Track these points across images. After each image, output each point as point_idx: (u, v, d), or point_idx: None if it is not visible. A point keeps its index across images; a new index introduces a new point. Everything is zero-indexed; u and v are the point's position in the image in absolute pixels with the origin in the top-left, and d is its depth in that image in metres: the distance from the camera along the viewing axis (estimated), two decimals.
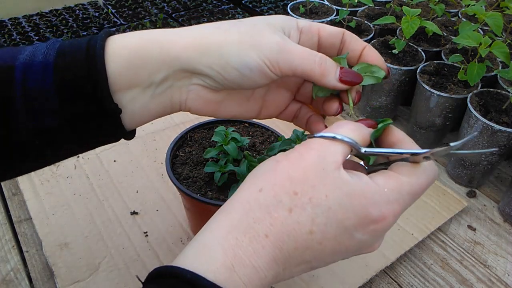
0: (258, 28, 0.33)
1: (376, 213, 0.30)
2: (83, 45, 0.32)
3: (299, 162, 0.31)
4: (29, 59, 0.32)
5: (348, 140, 0.31)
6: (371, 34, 0.85)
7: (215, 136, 0.52)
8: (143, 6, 1.99)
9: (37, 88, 0.31)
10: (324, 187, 0.29)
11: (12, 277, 0.56)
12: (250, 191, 0.31)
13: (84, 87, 0.32)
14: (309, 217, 0.29)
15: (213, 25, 0.35)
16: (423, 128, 0.77)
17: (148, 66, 0.33)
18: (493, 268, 0.61)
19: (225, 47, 0.33)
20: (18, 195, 0.67)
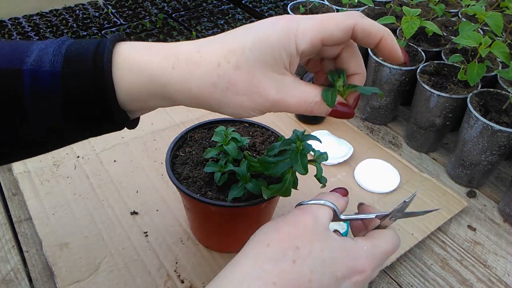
0: (255, 82, 0.31)
1: (360, 266, 0.37)
2: (90, 54, 0.32)
3: (297, 223, 0.38)
4: (36, 65, 0.32)
5: (332, 205, 0.40)
6: None
7: (215, 136, 0.52)
8: (143, 6, 1.99)
9: (46, 94, 0.32)
10: (319, 243, 0.36)
11: (12, 277, 0.56)
12: (258, 246, 0.37)
13: (92, 98, 0.32)
14: (308, 268, 0.35)
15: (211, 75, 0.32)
16: (423, 128, 0.77)
17: (153, 100, 0.35)
18: (493, 268, 0.61)
19: (224, 108, 0.33)
20: (18, 195, 0.67)
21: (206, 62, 0.31)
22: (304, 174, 0.44)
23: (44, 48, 0.33)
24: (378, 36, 0.33)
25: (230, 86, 0.31)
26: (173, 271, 0.56)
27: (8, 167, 0.71)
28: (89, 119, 0.34)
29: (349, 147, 0.77)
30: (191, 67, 0.32)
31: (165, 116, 0.83)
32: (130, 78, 0.32)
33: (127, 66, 0.32)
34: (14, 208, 0.65)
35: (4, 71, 0.31)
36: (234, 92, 0.32)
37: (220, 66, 0.31)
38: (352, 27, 0.32)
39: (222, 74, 0.31)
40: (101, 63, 0.31)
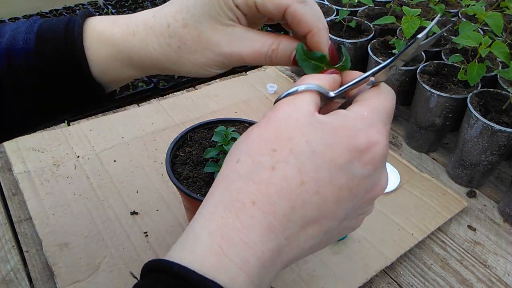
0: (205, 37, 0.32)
1: (364, 139, 0.27)
2: (61, 30, 0.33)
3: (269, 123, 0.29)
4: (10, 43, 0.33)
5: (313, 87, 0.29)
6: (371, 34, 0.85)
7: (215, 136, 0.52)
8: (143, 6, 1.99)
9: (22, 71, 0.33)
10: (302, 135, 0.27)
11: (12, 277, 0.56)
12: (228, 165, 0.29)
13: (66, 71, 0.33)
14: (295, 168, 0.26)
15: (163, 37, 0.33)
16: (423, 128, 0.77)
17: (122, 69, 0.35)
18: (493, 268, 0.61)
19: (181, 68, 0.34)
20: (18, 195, 0.67)
21: (159, 25, 0.33)
22: None
23: (16, 28, 0.34)
24: (306, 28, 0.32)
25: (181, 44, 0.32)
26: None
27: (8, 167, 0.71)
28: (65, 96, 0.35)
29: None
30: (148, 32, 0.33)
31: (165, 116, 0.83)
32: (99, 49, 0.34)
33: (95, 39, 0.34)
34: (14, 208, 0.65)
35: None
36: (186, 51, 0.32)
37: (169, 26, 0.32)
38: (285, 8, 0.32)
39: (172, 34, 0.32)
40: (72, 37, 0.33)
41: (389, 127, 0.30)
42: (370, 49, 0.80)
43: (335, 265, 0.58)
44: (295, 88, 0.30)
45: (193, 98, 0.88)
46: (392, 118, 0.31)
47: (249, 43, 0.33)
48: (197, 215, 0.28)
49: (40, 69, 0.33)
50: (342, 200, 0.27)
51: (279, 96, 0.31)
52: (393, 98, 0.31)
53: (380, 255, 0.60)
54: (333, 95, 0.31)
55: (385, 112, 0.30)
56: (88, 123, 0.80)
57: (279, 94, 0.33)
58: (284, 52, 0.33)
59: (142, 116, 0.83)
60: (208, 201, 0.28)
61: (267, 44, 0.33)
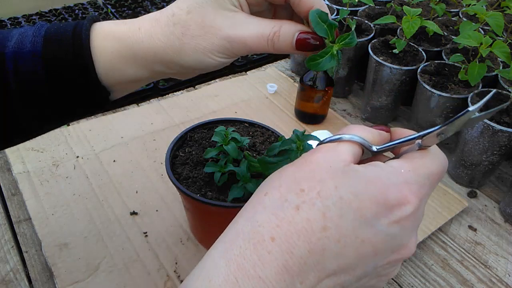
0: (207, 21, 0.32)
1: (395, 194, 0.26)
2: (69, 33, 0.34)
3: (305, 165, 0.29)
4: (17, 47, 0.33)
5: (357, 139, 0.29)
6: (372, 33, 0.85)
7: (215, 136, 0.52)
8: (143, 5, 1.99)
9: (29, 74, 0.33)
10: (332, 180, 0.26)
11: (12, 278, 0.56)
12: (256, 197, 0.29)
13: (73, 74, 0.33)
14: (319, 212, 0.26)
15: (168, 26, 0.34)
16: (424, 128, 0.77)
17: (127, 67, 0.35)
18: (493, 268, 0.61)
19: (184, 57, 0.34)
20: (18, 195, 0.66)
21: (164, 16, 0.34)
22: None
23: (23, 32, 0.34)
24: (308, 4, 0.33)
25: (185, 30, 0.33)
26: (173, 272, 0.56)
27: (8, 167, 0.71)
28: (71, 99, 0.35)
29: None
30: (153, 24, 0.34)
31: (165, 116, 0.83)
32: (104, 46, 0.34)
33: (102, 36, 0.34)
34: (13, 208, 0.65)
35: None
36: (189, 36, 0.32)
37: (174, 15, 0.33)
38: None
39: (176, 21, 0.33)
40: (79, 38, 0.33)
41: (427, 191, 0.29)
42: (370, 48, 0.80)
43: None
44: (339, 136, 0.30)
45: (193, 98, 0.88)
46: (436, 185, 0.30)
47: (252, 27, 0.33)
48: (218, 241, 0.28)
49: (46, 71, 0.33)
50: (363, 255, 0.26)
51: (323, 139, 0.31)
52: (440, 164, 0.30)
53: None
54: (376, 150, 0.31)
55: (426, 174, 0.29)
56: (88, 123, 0.80)
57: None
58: (287, 35, 0.33)
59: (142, 116, 0.82)
60: (230, 229, 0.28)
61: (269, 26, 0.33)
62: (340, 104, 0.92)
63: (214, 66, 0.34)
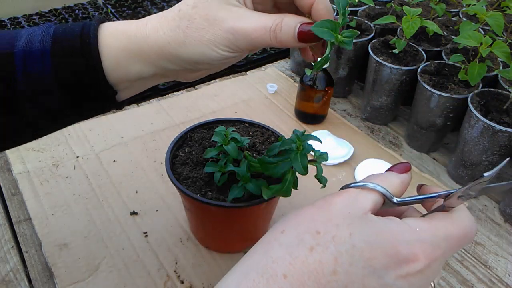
0: (212, 14, 0.33)
1: (406, 250, 0.27)
2: (77, 32, 0.34)
3: (325, 207, 0.30)
4: (27, 46, 0.34)
5: (380, 188, 0.31)
6: (372, 33, 0.85)
7: (215, 136, 0.52)
8: (143, 5, 1.99)
9: (38, 73, 0.33)
10: (348, 226, 0.28)
11: (12, 278, 0.56)
12: (273, 233, 0.30)
13: (81, 73, 0.34)
14: (331, 256, 0.27)
15: (174, 20, 0.34)
16: (424, 128, 0.77)
17: (133, 64, 0.36)
18: (493, 268, 0.61)
19: (189, 49, 0.34)
20: (18, 195, 0.66)
21: (171, 12, 0.35)
22: (304, 174, 0.44)
23: (32, 32, 0.35)
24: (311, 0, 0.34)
25: (190, 23, 0.33)
26: (173, 272, 0.56)
27: (8, 167, 0.71)
28: (78, 97, 0.35)
29: (349, 147, 0.77)
30: (159, 19, 0.35)
31: (165, 116, 0.83)
32: (112, 43, 0.35)
33: (109, 35, 0.35)
34: (13, 208, 0.65)
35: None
36: (194, 28, 0.33)
37: (180, 10, 0.34)
38: None
39: (182, 15, 0.34)
40: (87, 38, 0.34)
41: (443, 253, 0.29)
42: (370, 48, 0.80)
43: None
44: (364, 183, 0.31)
45: (193, 98, 0.88)
46: (456, 249, 0.30)
47: (255, 19, 0.33)
48: (232, 271, 0.29)
49: (55, 70, 0.34)
50: None
51: (347, 184, 0.32)
52: (463, 228, 0.30)
53: None
54: (397, 201, 0.32)
55: (443, 237, 0.29)
56: (88, 123, 0.80)
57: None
58: (288, 26, 0.33)
59: (142, 116, 0.82)
60: (245, 261, 0.30)
61: (272, 19, 0.33)
62: (340, 104, 0.92)
63: (218, 59, 0.34)
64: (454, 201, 0.31)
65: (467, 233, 0.30)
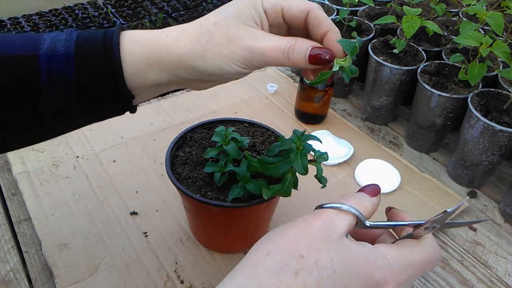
0: (231, 32, 0.36)
1: (378, 276, 0.31)
2: (99, 39, 0.36)
3: (305, 228, 0.33)
4: (51, 50, 0.35)
5: (354, 211, 0.34)
6: (372, 33, 0.85)
7: (215, 136, 0.52)
8: (143, 5, 1.99)
9: (61, 76, 0.35)
10: (329, 251, 0.31)
11: (12, 278, 0.56)
12: (258, 254, 0.32)
13: (102, 77, 0.36)
14: (314, 280, 0.30)
15: (195, 34, 0.37)
16: (424, 128, 0.77)
17: (152, 71, 0.38)
18: (493, 268, 0.61)
19: (207, 62, 0.36)
20: (18, 195, 0.66)
21: (192, 26, 0.37)
22: (304, 174, 0.44)
23: (55, 36, 0.36)
24: (325, 28, 0.38)
25: (210, 38, 0.36)
26: (173, 272, 0.56)
27: (8, 167, 0.71)
28: (98, 100, 0.37)
29: (349, 147, 0.77)
30: (180, 32, 0.37)
31: (165, 116, 0.83)
32: (133, 50, 0.37)
33: (130, 42, 0.37)
34: (13, 208, 0.65)
35: (21, 57, 0.35)
36: (213, 44, 0.36)
37: (202, 25, 0.37)
38: (308, 11, 0.37)
39: (203, 30, 0.36)
40: (110, 45, 0.36)
41: (408, 278, 0.33)
42: (370, 48, 0.80)
43: None
44: (340, 204, 0.34)
45: (193, 98, 0.88)
46: (421, 274, 0.34)
47: (270, 40, 0.36)
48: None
49: (77, 75, 0.35)
50: None
51: (322, 204, 0.36)
52: (428, 256, 0.34)
53: None
54: (368, 225, 0.35)
55: (409, 264, 0.33)
56: None
57: None
58: (301, 49, 0.36)
59: (142, 116, 0.82)
60: (231, 282, 0.31)
61: (286, 41, 0.36)
62: (340, 104, 0.92)
63: (232, 74, 0.37)
64: (421, 231, 0.34)
65: (431, 260, 0.34)
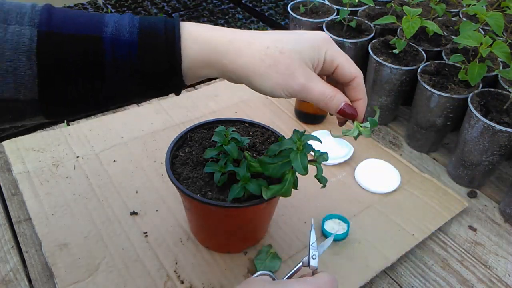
0: (293, 67, 0.39)
1: None
2: (161, 29, 0.38)
3: None
4: (115, 34, 0.37)
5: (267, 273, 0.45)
6: (372, 34, 0.85)
7: (215, 136, 0.52)
8: (143, 5, 1.99)
9: (124, 61, 0.37)
10: None
11: (12, 278, 0.56)
12: None
13: (164, 68, 0.38)
14: None
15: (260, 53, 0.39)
16: (424, 128, 0.77)
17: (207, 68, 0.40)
18: (493, 268, 0.61)
19: (263, 82, 0.39)
20: (18, 195, 0.66)
21: (257, 43, 0.39)
22: (304, 174, 0.44)
23: (118, 20, 0.38)
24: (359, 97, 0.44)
25: (274, 64, 0.39)
26: (173, 272, 0.56)
27: (8, 167, 0.71)
28: (155, 86, 0.40)
29: (349, 147, 0.77)
30: (244, 44, 0.39)
31: (165, 116, 0.83)
32: (195, 48, 0.39)
33: (192, 39, 0.39)
34: (13, 208, 0.65)
35: (86, 37, 0.36)
36: (275, 70, 0.39)
37: (268, 48, 0.39)
38: (355, 77, 0.43)
39: (269, 54, 0.39)
40: (173, 39, 0.38)
41: None
42: (370, 48, 0.80)
43: (335, 265, 0.58)
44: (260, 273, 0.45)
45: (193, 98, 0.88)
46: None
47: (320, 85, 0.41)
48: None
49: (140, 62, 0.37)
50: None
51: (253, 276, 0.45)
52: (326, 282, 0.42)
53: (381, 255, 0.60)
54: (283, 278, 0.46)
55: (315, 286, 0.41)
56: (88, 123, 0.80)
57: None
58: (337, 101, 0.42)
59: (142, 116, 0.82)
60: None
61: (330, 90, 0.41)
62: None
63: (273, 95, 0.41)
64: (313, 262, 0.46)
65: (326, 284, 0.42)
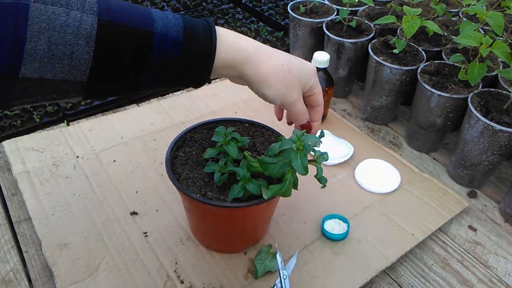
0: (294, 85, 0.48)
1: None
2: (201, 32, 0.42)
3: None
4: (164, 31, 0.40)
5: None
6: (372, 33, 0.85)
7: (215, 136, 0.52)
8: (143, 5, 1.99)
9: (167, 58, 0.40)
10: None
11: (12, 278, 0.56)
12: None
13: (199, 67, 0.43)
14: None
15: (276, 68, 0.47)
16: (424, 128, 0.77)
17: (229, 69, 0.46)
18: (493, 268, 0.61)
19: (269, 89, 0.47)
20: (18, 195, 0.66)
21: (276, 58, 0.47)
22: (304, 174, 0.44)
23: (164, 17, 0.41)
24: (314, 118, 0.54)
25: (283, 79, 0.47)
26: (172, 272, 0.56)
27: (8, 167, 0.71)
28: (186, 81, 0.44)
29: (349, 147, 0.77)
30: (267, 57, 0.47)
31: (165, 116, 0.83)
32: (227, 52, 0.44)
33: (227, 44, 0.44)
34: (13, 208, 0.65)
35: (138, 30, 0.38)
36: (282, 84, 0.47)
37: (283, 65, 0.47)
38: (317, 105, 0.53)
39: (283, 70, 0.47)
40: (209, 39, 0.43)
41: None
42: (370, 48, 0.80)
43: (335, 265, 0.58)
44: None
45: (193, 98, 0.88)
46: None
47: (301, 104, 0.50)
48: None
49: (180, 60, 0.41)
50: None
51: None
52: None
53: (381, 255, 0.60)
54: None
55: None
56: (88, 123, 0.80)
57: None
58: (304, 119, 0.51)
59: (142, 116, 0.82)
60: None
61: (305, 109, 0.51)
62: (340, 104, 0.92)
63: (271, 102, 0.48)
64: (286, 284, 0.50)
65: None
